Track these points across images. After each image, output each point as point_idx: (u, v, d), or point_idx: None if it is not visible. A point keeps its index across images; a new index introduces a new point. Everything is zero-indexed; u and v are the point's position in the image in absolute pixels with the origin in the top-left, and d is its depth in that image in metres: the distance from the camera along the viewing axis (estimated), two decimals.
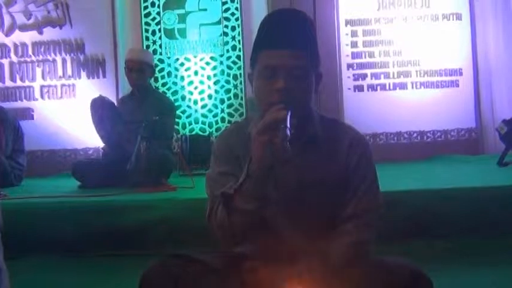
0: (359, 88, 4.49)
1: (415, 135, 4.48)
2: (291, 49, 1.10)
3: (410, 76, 4.48)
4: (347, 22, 4.49)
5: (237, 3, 4.49)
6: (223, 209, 1.09)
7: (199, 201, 2.36)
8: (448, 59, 4.47)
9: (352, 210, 1.15)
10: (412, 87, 4.48)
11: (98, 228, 2.33)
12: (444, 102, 4.45)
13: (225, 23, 4.51)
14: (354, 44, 4.49)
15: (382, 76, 4.48)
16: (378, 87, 4.49)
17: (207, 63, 4.53)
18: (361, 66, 4.49)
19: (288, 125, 1.00)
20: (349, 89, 4.47)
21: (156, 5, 4.55)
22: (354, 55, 4.48)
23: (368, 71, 4.49)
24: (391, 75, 4.48)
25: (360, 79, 4.49)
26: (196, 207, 2.31)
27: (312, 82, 1.15)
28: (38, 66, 4.62)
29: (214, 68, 4.52)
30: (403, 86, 4.48)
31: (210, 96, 4.53)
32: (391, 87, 4.49)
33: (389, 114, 4.43)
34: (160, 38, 4.54)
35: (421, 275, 1.04)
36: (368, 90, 4.49)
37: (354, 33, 4.49)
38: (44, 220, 2.39)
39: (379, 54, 4.48)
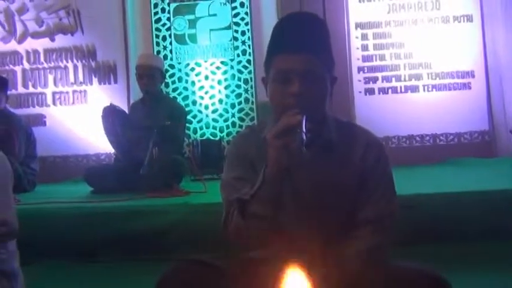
0: (370, 91, 4.47)
1: (427, 138, 4.44)
2: (306, 53, 1.10)
3: (422, 79, 4.44)
4: (357, 25, 4.48)
5: (247, 8, 4.50)
6: (238, 214, 1.08)
7: (212, 205, 2.37)
8: (459, 61, 4.43)
9: (368, 215, 1.14)
10: (424, 90, 4.44)
11: (111, 233, 2.34)
12: (456, 105, 4.40)
13: (235, 27, 4.51)
14: (364, 47, 4.46)
15: (393, 79, 4.45)
16: (389, 90, 4.46)
17: (218, 68, 4.54)
18: (372, 69, 4.46)
19: (304, 129, 0.99)
20: (360, 92, 4.45)
21: (167, 11, 4.57)
22: (365, 58, 4.46)
23: (379, 74, 4.46)
24: (403, 78, 4.45)
25: (371, 82, 4.47)
26: (209, 212, 2.32)
27: (327, 86, 1.15)
28: (50, 73, 4.66)
29: (225, 72, 4.53)
30: (414, 89, 4.45)
31: (220, 101, 4.54)
32: (403, 90, 4.46)
33: (401, 117, 4.40)
34: (170, 43, 4.56)
35: (442, 280, 1.03)
36: (379, 93, 4.46)
37: (364, 36, 4.47)
38: (57, 225, 2.41)
39: (390, 57, 4.46)
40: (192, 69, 4.56)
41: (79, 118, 4.57)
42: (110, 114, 2.98)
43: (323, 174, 1.14)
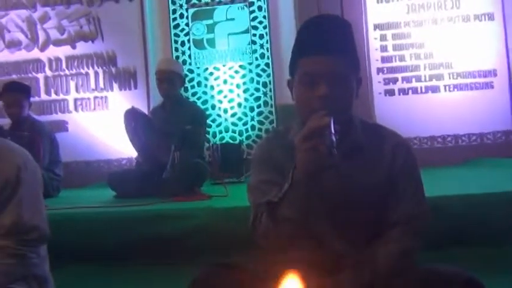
0: (390, 92, 4.43)
1: (449, 139, 4.38)
2: (332, 55, 1.09)
3: (443, 79, 4.39)
4: (376, 26, 4.45)
5: (265, 11, 4.51)
6: (267, 218, 1.08)
7: (234, 209, 2.37)
8: (481, 60, 4.36)
9: (397, 217, 1.13)
10: (445, 90, 4.39)
11: (134, 237, 2.35)
12: (479, 105, 4.34)
13: (253, 31, 4.53)
14: (383, 48, 4.44)
15: (413, 79, 4.41)
16: (410, 91, 4.42)
17: (236, 72, 4.56)
18: (392, 70, 4.43)
19: (333, 131, 0.99)
20: (380, 93, 4.42)
21: (185, 17, 4.62)
22: (384, 59, 4.43)
23: (399, 75, 4.42)
24: (423, 79, 4.40)
25: (391, 83, 4.43)
26: (231, 216, 2.32)
27: (353, 87, 1.14)
28: (71, 79, 4.75)
29: (243, 76, 4.55)
30: (435, 89, 4.40)
31: (239, 105, 4.55)
32: (423, 91, 4.41)
33: (422, 118, 4.35)
34: (189, 48, 4.60)
35: (476, 282, 1.01)
36: (399, 94, 4.42)
37: (383, 37, 4.44)
38: (82, 230, 2.43)
39: (410, 58, 4.42)
40: (211, 73, 4.59)
41: (100, 124, 4.64)
42: (132, 117, 3.00)
43: (351, 176, 1.14)
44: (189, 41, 4.61)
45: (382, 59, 4.44)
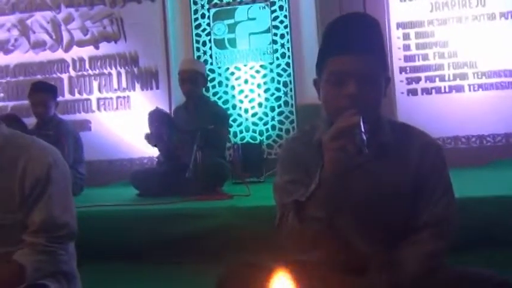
0: (413, 92, 4.37)
1: (473, 139, 4.30)
2: (361, 54, 1.08)
3: (467, 78, 4.31)
4: (398, 25, 4.39)
5: (286, 11, 4.50)
6: (294, 217, 1.08)
7: (256, 208, 2.38)
8: (507, 59, 4.26)
9: (426, 219, 1.12)
10: (469, 90, 4.31)
11: (157, 235, 2.37)
12: (504, 104, 4.24)
13: (274, 31, 4.53)
14: (406, 47, 4.37)
15: (437, 79, 4.34)
16: (433, 91, 4.35)
17: (257, 72, 4.56)
18: (415, 69, 4.37)
19: (363, 130, 0.98)
20: (403, 93, 4.36)
21: (206, 17, 4.64)
22: (407, 58, 4.37)
23: (422, 74, 4.36)
24: (447, 78, 4.33)
25: (414, 83, 4.37)
26: (254, 215, 2.33)
27: (382, 86, 1.13)
28: (94, 79, 4.81)
29: (264, 76, 4.54)
30: (459, 89, 4.32)
31: (260, 105, 4.55)
32: (447, 90, 4.34)
33: (446, 118, 4.28)
34: (210, 48, 4.62)
35: (507, 284, 0.99)
36: (422, 94, 4.36)
37: (406, 36, 4.38)
38: (105, 228, 2.46)
39: (434, 57, 4.35)
40: (232, 73, 4.60)
41: (123, 123, 4.69)
42: (155, 118, 3.03)
43: (379, 176, 1.13)
44: (210, 41, 4.63)
45: (404, 58, 4.38)
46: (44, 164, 1.32)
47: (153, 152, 3.90)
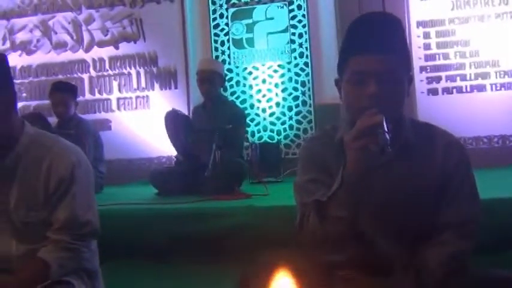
0: (433, 92, 4.31)
1: (495, 139, 4.22)
2: (384, 53, 1.07)
3: (489, 77, 4.23)
4: (419, 24, 4.34)
5: (304, 10, 4.49)
6: (315, 217, 1.08)
7: (275, 208, 2.37)
8: None
9: (449, 219, 1.10)
10: (492, 89, 4.23)
11: (176, 234, 2.38)
12: None
13: (292, 30, 4.51)
14: (426, 46, 4.32)
15: (458, 78, 4.28)
16: (454, 90, 4.29)
17: (275, 71, 4.56)
18: (435, 68, 4.31)
19: (386, 129, 0.97)
20: (423, 92, 4.31)
21: (225, 16, 4.65)
22: (427, 57, 4.31)
23: (442, 74, 4.30)
24: (468, 77, 4.26)
25: (434, 82, 4.31)
26: (272, 215, 2.33)
27: (405, 86, 1.12)
28: (114, 79, 4.87)
29: (282, 75, 4.54)
30: (481, 88, 4.25)
31: (278, 104, 4.55)
32: (468, 90, 4.27)
33: (467, 118, 4.21)
34: (229, 48, 4.63)
35: None
36: (443, 93, 4.30)
37: (426, 35, 4.32)
38: (124, 226, 2.48)
39: (455, 56, 4.28)
40: (250, 73, 4.61)
41: (142, 122, 4.73)
42: (173, 119, 3.05)
43: (402, 176, 1.12)
44: (228, 40, 4.64)
45: (425, 57, 4.32)
46: (68, 163, 1.34)
47: (172, 151, 3.93)
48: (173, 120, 3.15)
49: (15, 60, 4.91)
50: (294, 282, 1.11)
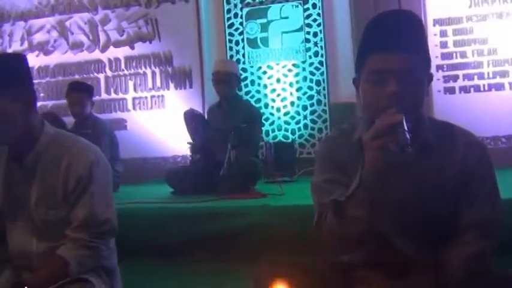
0: (450, 90, 4.26)
1: None
2: (403, 52, 1.06)
3: (508, 76, 4.16)
4: (435, 22, 4.28)
5: (319, 9, 4.46)
6: (333, 217, 1.07)
7: (290, 208, 2.37)
8: None
9: (471, 220, 1.09)
10: (510, 88, 4.16)
11: (191, 233, 2.39)
12: None
13: (306, 29, 4.50)
14: (443, 45, 4.26)
15: (475, 77, 4.21)
16: (471, 89, 4.22)
17: (290, 70, 4.54)
18: (452, 67, 4.25)
19: (406, 128, 0.96)
20: (439, 91, 4.25)
21: (239, 16, 4.65)
22: (444, 56, 4.26)
23: (459, 72, 4.24)
24: (486, 76, 4.19)
25: (451, 81, 4.26)
26: (288, 214, 2.32)
27: (424, 85, 1.11)
28: (130, 79, 4.91)
29: (297, 74, 4.52)
30: (499, 87, 4.18)
31: (292, 103, 4.53)
32: (486, 89, 4.20)
33: (485, 117, 4.14)
34: (243, 47, 4.63)
35: None
36: (460, 92, 4.24)
37: (443, 33, 4.27)
38: (141, 225, 2.50)
39: (472, 54, 4.22)
40: (264, 72, 4.60)
41: (157, 122, 4.76)
42: (191, 118, 3.06)
43: (421, 176, 1.11)
44: (243, 40, 4.64)
45: (442, 55, 4.26)
46: (87, 162, 1.36)
47: (187, 150, 3.94)
48: (192, 120, 3.15)
49: (33, 60, 4.98)
50: (309, 283, 1.11)
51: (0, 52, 4.92)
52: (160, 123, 4.72)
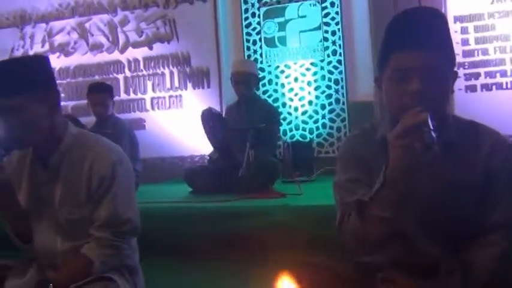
0: (471, 88, 4.19)
1: None
2: (427, 49, 1.05)
3: None
4: (456, 19, 4.22)
5: (337, 7, 4.43)
6: (357, 217, 1.06)
7: (309, 208, 2.36)
8: None
9: (497, 219, 1.07)
10: None
11: (210, 233, 2.40)
12: None
13: (325, 28, 4.47)
14: (464, 42, 4.19)
15: (497, 75, 4.13)
16: (493, 87, 4.14)
17: (307, 70, 4.52)
18: (474, 65, 4.18)
19: (432, 127, 0.95)
20: (460, 89, 4.18)
21: (257, 15, 4.65)
22: (465, 53, 4.18)
23: (481, 70, 4.16)
24: (509, 73, 4.11)
25: (473, 79, 4.18)
26: (307, 214, 2.31)
27: (449, 83, 1.09)
28: (148, 79, 4.95)
29: (315, 73, 4.50)
30: None
31: (310, 102, 4.51)
32: (509, 86, 4.11)
33: (507, 115, 4.05)
34: (261, 47, 4.63)
35: None
36: (482, 90, 4.16)
37: (464, 30, 4.20)
38: (161, 224, 2.51)
39: (494, 51, 4.14)
40: (282, 71, 4.59)
41: (175, 121, 4.79)
42: (209, 117, 3.07)
43: (445, 175, 1.09)
44: (260, 39, 4.64)
45: (463, 53, 4.19)
46: (109, 162, 1.37)
47: (204, 150, 3.95)
48: (209, 119, 3.16)
49: (54, 62, 5.05)
50: (329, 283, 1.10)
51: (23, 55, 5.02)
52: (178, 123, 4.75)
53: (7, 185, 1.34)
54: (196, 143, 4.45)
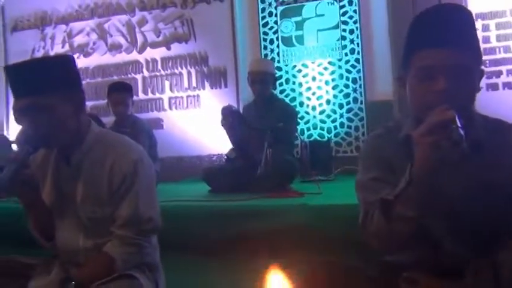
0: (493, 87, 4.11)
1: None
2: (453, 46, 1.03)
3: None
4: (477, 16, 4.14)
5: (355, 5, 4.40)
6: (381, 216, 1.05)
7: (329, 207, 2.34)
8: None
9: None
10: None
11: (230, 231, 2.40)
12: None
13: (342, 26, 4.44)
14: (485, 39, 4.12)
15: None
16: None
17: (325, 69, 4.50)
18: (495, 63, 4.11)
19: (459, 125, 0.93)
20: (482, 87, 4.11)
21: (274, 14, 4.64)
22: (486, 51, 4.11)
23: (503, 68, 4.09)
24: None
25: (494, 77, 4.11)
26: (326, 213, 2.29)
27: (475, 81, 1.07)
28: (166, 79, 4.98)
29: (333, 72, 4.47)
30: None
31: (328, 102, 4.49)
32: None
33: None
34: (278, 46, 4.62)
35: None
36: (503, 88, 4.09)
37: (485, 28, 4.13)
38: (180, 223, 2.52)
39: None
40: (299, 70, 4.58)
41: (193, 121, 4.82)
42: (229, 114, 3.06)
43: (473, 174, 1.07)
44: (277, 38, 4.63)
45: (484, 50, 4.11)
46: (131, 161, 1.38)
47: (222, 149, 3.96)
48: (229, 116, 3.15)
49: None
50: (349, 283, 1.09)
51: (44, 55, 5.10)
52: (196, 122, 4.78)
53: (32, 181, 1.36)
54: (214, 142, 4.46)
